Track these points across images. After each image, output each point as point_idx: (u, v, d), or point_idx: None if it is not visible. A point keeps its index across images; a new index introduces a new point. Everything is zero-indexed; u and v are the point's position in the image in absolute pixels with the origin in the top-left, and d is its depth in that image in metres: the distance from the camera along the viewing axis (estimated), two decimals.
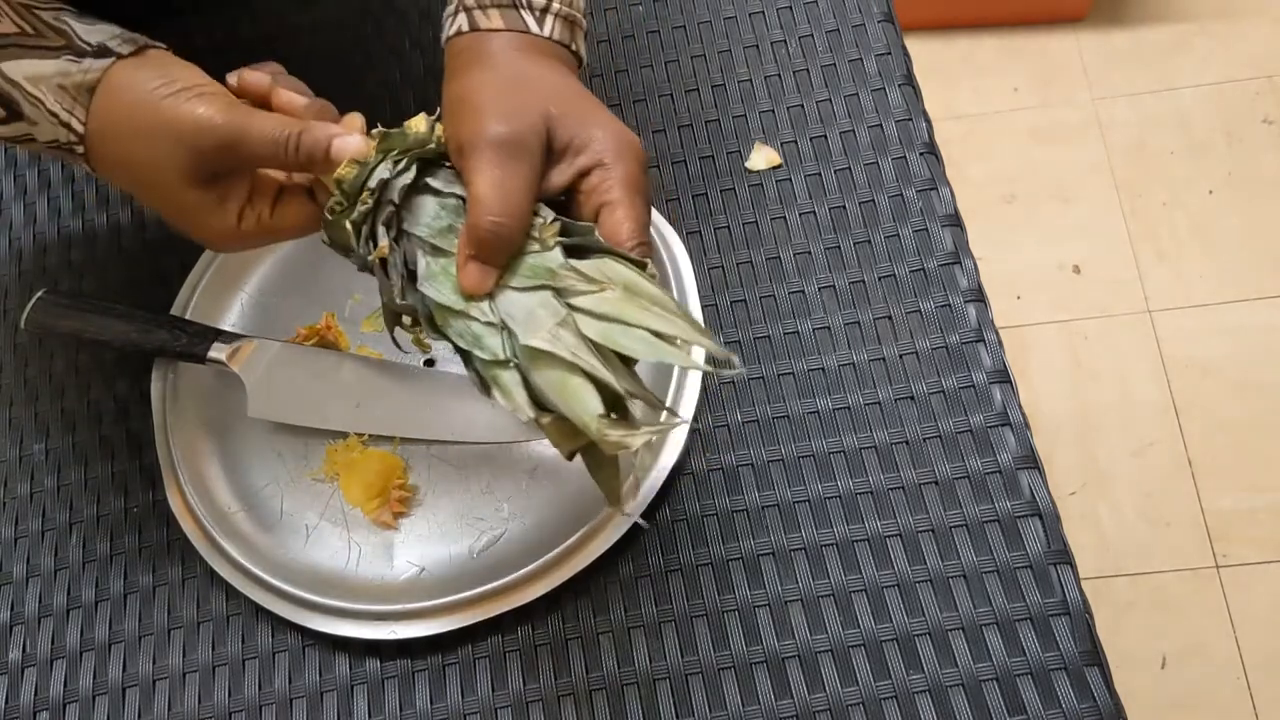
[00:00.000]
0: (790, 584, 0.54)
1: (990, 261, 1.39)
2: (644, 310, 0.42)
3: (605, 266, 0.44)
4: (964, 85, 1.56)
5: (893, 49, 0.66)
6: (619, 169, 0.45)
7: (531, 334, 0.43)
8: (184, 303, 0.63)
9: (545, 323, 0.43)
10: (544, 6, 0.48)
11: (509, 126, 0.44)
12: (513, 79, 0.46)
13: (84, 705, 0.56)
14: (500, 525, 0.57)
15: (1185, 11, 1.56)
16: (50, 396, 0.65)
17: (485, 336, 0.45)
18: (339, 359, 0.61)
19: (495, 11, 0.48)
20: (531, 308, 0.43)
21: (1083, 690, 0.50)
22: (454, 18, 0.49)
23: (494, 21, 0.48)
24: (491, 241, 0.43)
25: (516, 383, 0.44)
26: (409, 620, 0.54)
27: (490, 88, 0.46)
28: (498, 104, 0.45)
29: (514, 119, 0.44)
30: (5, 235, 0.70)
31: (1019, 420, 0.56)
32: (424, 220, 0.47)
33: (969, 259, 0.60)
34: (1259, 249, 1.40)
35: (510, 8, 0.48)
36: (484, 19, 0.48)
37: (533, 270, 0.44)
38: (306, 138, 0.46)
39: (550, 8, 0.49)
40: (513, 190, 0.44)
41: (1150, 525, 1.27)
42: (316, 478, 0.59)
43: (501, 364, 0.44)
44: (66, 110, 0.46)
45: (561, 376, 0.42)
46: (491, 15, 0.48)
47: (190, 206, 0.48)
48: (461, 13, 0.48)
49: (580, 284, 0.43)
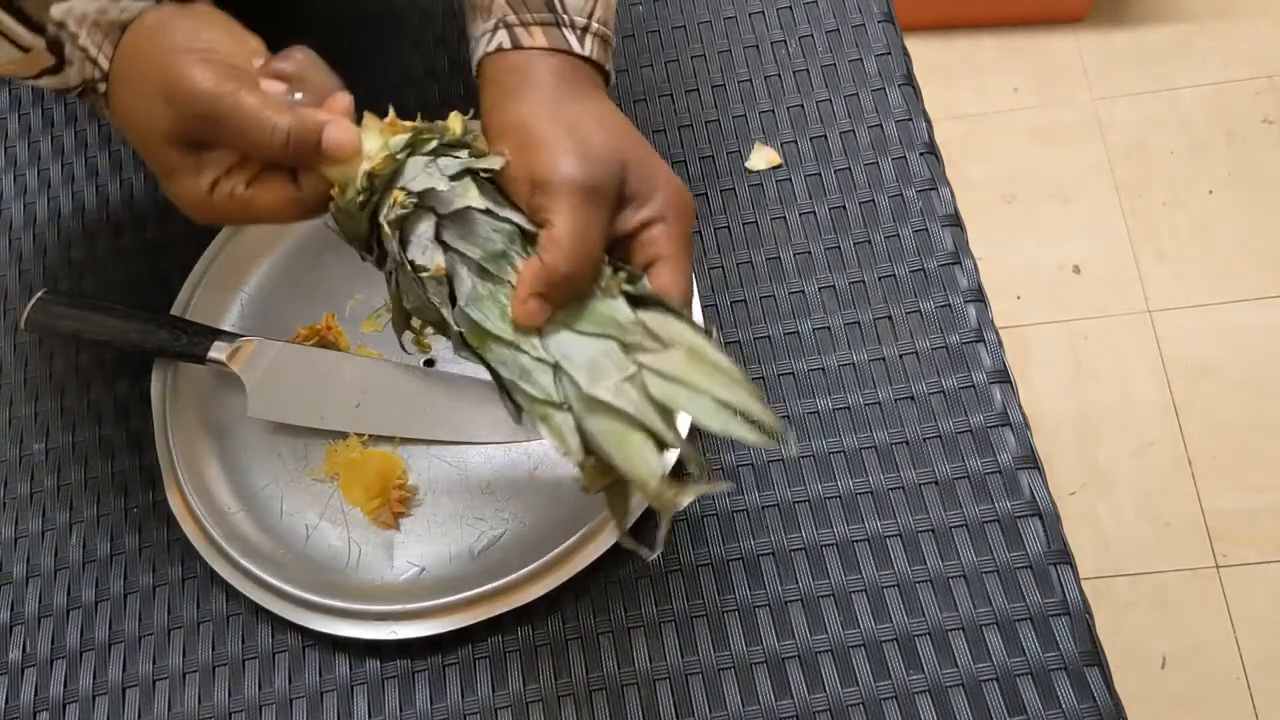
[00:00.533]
0: (790, 584, 0.54)
1: (990, 261, 1.39)
2: (708, 376, 0.42)
3: (669, 325, 0.44)
4: (964, 85, 1.56)
5: (893, 49, 0.66)
6: (678, 226, 0.45)
7: (596, 383, 0.42)
8: (184, 303, 0.63)
9: (611, 374, 0.42)
10: (584, 26, 0.48)
11: (593, 171, 0.43)
12: (582, 115, 0.45)
13: (84, 705, 0.56)
14: (500, 525, 0.57)
15: (1185, 11, 1.56)
16: (50, 396, 0.65)
17: (535, 372, 0.44)
18: (339, 359, 0.61)
19: (538, 29, 0.47)
20: (594, 356, 0.43)
21: (1083, 690, 0.50)
22: (491, 35, 0.47)
23: (537, 39, 0.47)
24: (565, 286, 0.43)
25: (570, 427, 0.43)
26: (409, 620, 0.54)
27: (561, 122, 0.44)
28: (575, 143, 0.44)
29: (597, 163, 0.43)
30: (5, 235, 0.70)
31: (1019, 420, 0.56)
32: (476, 240, 0.45)
33: (969, 259, 0.60)
34: (1259, 249, 1.40)
35: (553, 26, 0.47)
36: (527, 36, 0.47)
37: (599, 318, 0.44)
38: (293, 125, 0.44)
39: (590, 27, 0.48)
40: (592, 238, 0.43)
41: (1150, 525, 1.27)
42: (316, 478, 0.59)
43: (553, 404, 0.44)
44: (96, 46, 0.46)
45: (622, 431, 0.42)
46: (534, 33, 0.47)
47: (167, 165, 0.46)
48: (502, 29, 0.47)
49: (648, 340, 0.43)
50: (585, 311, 0.44)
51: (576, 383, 0.43)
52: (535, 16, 0.47)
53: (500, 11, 0.47)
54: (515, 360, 0.44)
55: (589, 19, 0.48)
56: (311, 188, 0.46)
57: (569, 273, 0.43)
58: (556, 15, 0.47)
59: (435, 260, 0.45)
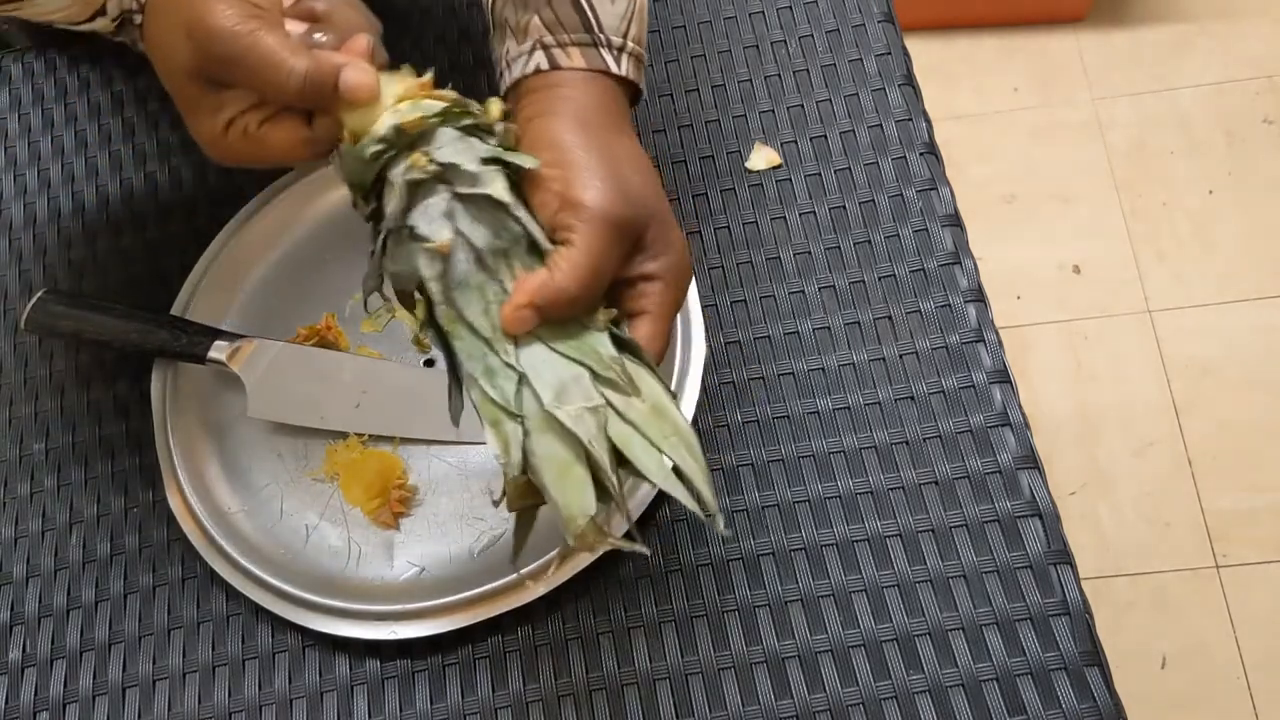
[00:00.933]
0: (790, 584, 0.54)
1: (990, 261, 1.39)
2: (665, 435, 0.42)
3: (641, 376, 0.44)
4: (964, 85, 1.56)
5: (893, 49, 0.66)
6: (673, 291, 0.46)
7: (559, 404, 0.42)
8: (184, 303, 0.63)
9: (575, 400, 0.42)
10: (621, 45, 0.48)
11: (625, 211, 0.44)
12: (622, 153, 0.46)
13: (84, 705, 0.56)
14: (500, 525, 0.57)
15: (1185, 11, 1.56)
16: (50, 396, 0.65)
17: (499, 376, 0.44)
18: (339, 359, 0.61)
19: (576, 50, 0.47)
20: (564, 378, 0.43)
21: (1083, 690, 0.50)
22: (529, 57, 0.48)
23: (575, 60, 0.47)
24: (565, 307, 0.43)
25: (517, 440, 0.43)
26: (409, 620, 0.54)
27: (604, 154, 0.45)
28: (616, 178, 0.44)
29: (630, 204, 0.44)
30: (5, 235, 0.70)
31: (1019, 420, 0.56)
32: (486, 230, 0.44)
33: (969, 259, 0.60)
34: (1259, 249, 1.40)
35: (591, 46, 0.47)
36: (565, 58, 0.47)
37: (581, 345, 0.43)
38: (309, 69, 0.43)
39: (626, 47, 0.48)
40: (605, 270, 0.43)
41: (1150, 525, 1.27)
42: (316, 478, 0.59)
43: (508, 413, 0.43)
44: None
45: (566, 459, 0.42)
46: (572, 54, 0.47)
47: (188, 100, 0.46)
48: (539, 51, 0.47)
49: (620, 381, 0.43)
50: (567, 334, 0.44)
51: (539, 398, 0.42)
52: (573, 37, 0.47)
53: (537, 33, 0.47)
54: (483, 357, 0.44)
55: (624, 38, 0.48)
56: (325, 129, 0.45)
57: (575, 296, 0.43)
58: (594, 36, 0.47)
59: (442, 235, 0.44)
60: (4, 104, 0.75)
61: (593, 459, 0.41)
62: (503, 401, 0.43)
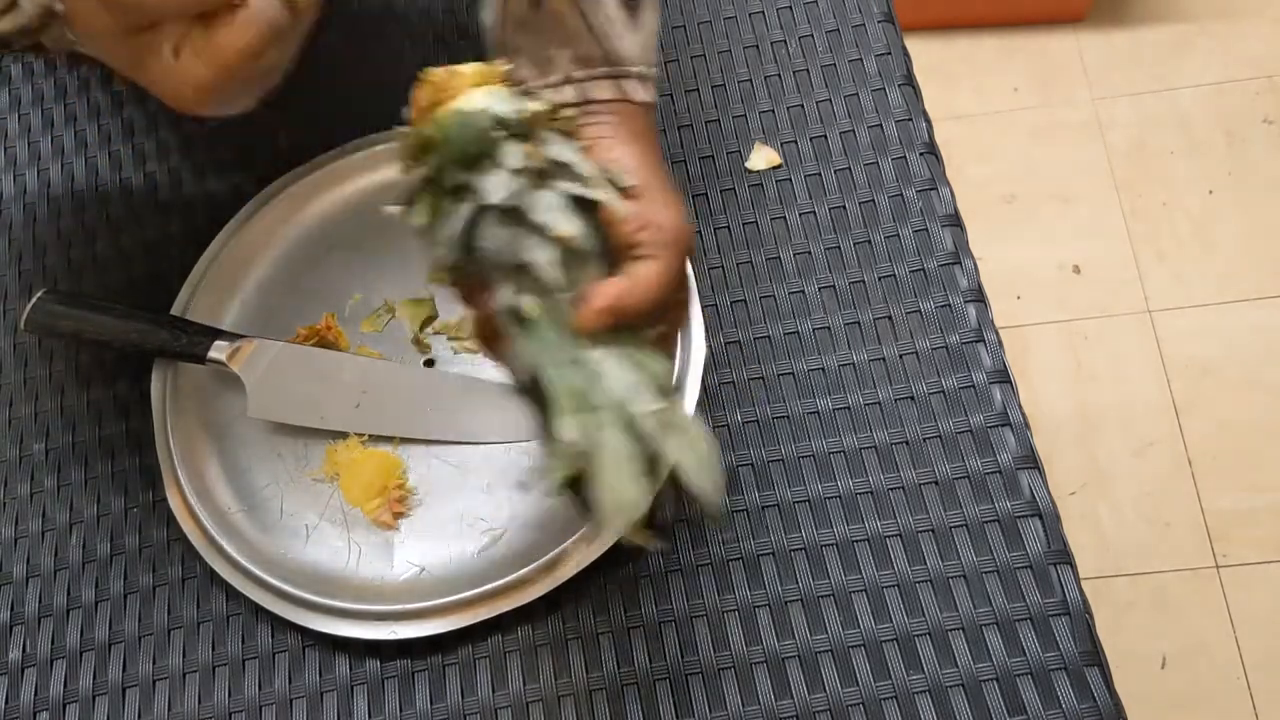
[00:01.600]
0: (790, 584, 0.54)
1: (990, 261, 1.39)
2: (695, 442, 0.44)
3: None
4: (964, 85, 1.56)
5: (893, 49, 0.66)
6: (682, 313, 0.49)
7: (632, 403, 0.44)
8: (184, 303, 0.63)
9: (645, 402, 0.44)
10: (642, 74, 0.50)
11: (691, 242, 0.47)
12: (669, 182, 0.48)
13: (84, 705, 0.56)
14: (500, 525, 0.57)
15: (1185, 11, 1.56)
16: (50, 396, 0.65)
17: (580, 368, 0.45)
18: (339, 359, 0.61)
19: (606, 84, 0.49)
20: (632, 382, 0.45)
21: (1083, 690, 0.50)
22: (557, 89, 0.49)
23: (605, 93, 0.49)
24: (634, 317, 0.45)
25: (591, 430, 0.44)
26: (409, 620, 0.54)
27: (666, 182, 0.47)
28: (680, 205, 0.47)
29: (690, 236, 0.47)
30: (5, 235, 0.70)
31: (1019, 420, 0.56)
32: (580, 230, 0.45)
33: (969, 259, 0.60)
34: (1259, 249, 1.40)
35: (617, 79, 0.49)
36: (595, 90, 0.49)
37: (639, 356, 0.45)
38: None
39: (646, 74, 0.50)
40: (673, 289, 0.46)
41: (1150, 525, 1.27)
42: (316, 478, 0.59)
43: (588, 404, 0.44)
44: None
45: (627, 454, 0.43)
46: (603, 86, 0.49)
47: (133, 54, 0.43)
48: (569, 85, 0.49)
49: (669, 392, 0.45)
50: (625, 342, 0.45)
51: (612, 396, 0.44)
52: (598, 71, 0.49)
53: (564, 69, 0.49)
54: (562, 349, 0.45)
55: (647, 66, 0.50)
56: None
57: (648, 309, 0.45)
58: (617, 69, 0.49)
59: (563, 226, 0.44)
60: (4, 104, 0.75)
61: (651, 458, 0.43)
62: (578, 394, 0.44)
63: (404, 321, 0.62)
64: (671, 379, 0.47)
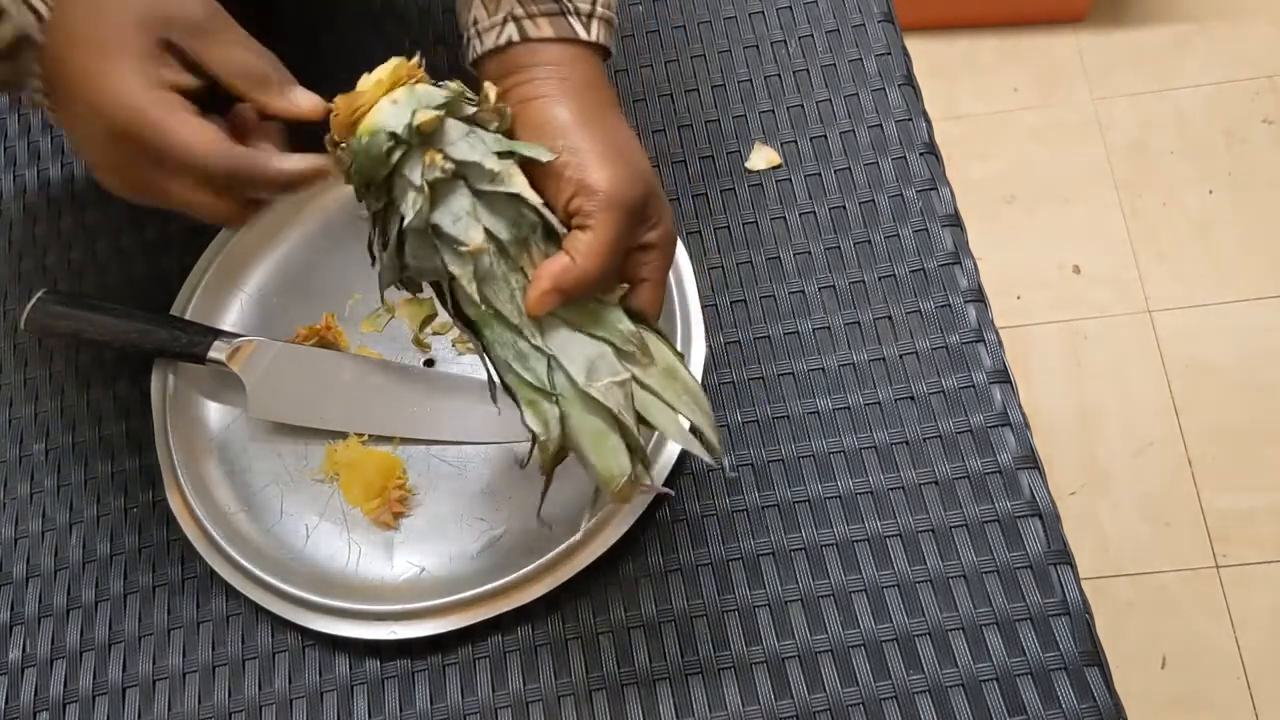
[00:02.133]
0: (790, 584, 0.54)
1: (990, 261, 1.39)
2: (678, 395, 0.46)
3: (652, 342, 0.47)
4: (964, 85, 1.56)
5: (893, 49, 0.66)
6: (666, 256, 0.48)
7: (590, 381, 0.45)
8: (184, 303, 0.63)
9: (604, 375, 0.45)
10: (589, 11, 0.48)
11: (635, 191, 0.45)
12: (619, 132, 0.47)
13: (84, 705, 0.56)
14: (500, 525, 0.57)
15: (1185, 11, 1.56)
16: (50, 397, 0.65)
17: (530, 359, 0.46)
18: (339, 359, 0.61)
19: (545, 20, 0.48)
20: (591, 356, 0.46)
21: (1083, 690, 0.50)
22: (500, 29, 0.48)
23: (544, 30, 0.47)
24: (586, 288, 0.45)
25: (555, 416, 0.46)
26: (409, 620, 0.54)
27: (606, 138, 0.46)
28: (624, 161, 0.45)
29: (637, 184, 0.45)
30: (5, 235, 0.70)
31: (1019, 420, 0.56)
32: (507, 223, 0.45)
33: (969, 259, 0.60)
34: (1259, 249, 1.40)
35: (559, 15, 0.48)
36: (534, 28, 0.47)
37: (604, 323, 0.46)
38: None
39: (595, 12, 0.49)
40: (621, 249, 0.45)
41: (1150, 525, 1.27)
42: (316, 478, 0.59)
43: (544, 393, 0.46)
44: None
45: (601, 429, 0.45)
46: (541, 24, 0.48)
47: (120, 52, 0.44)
48: (510, 23, 0.48)
49: (640, 353, 0.46)
50: (587, 314, 0.46)
51: (571, 377, 0.45)
52: (541, 8, 0.48)
53: (508, 6, 0.48)
54: (514, 344, 0.46)
55: (593, 4, 0.49)
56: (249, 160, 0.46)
57: (596, 278, 0.44)
58: (561, 4, 0.48)
59: (472, 236, 0.45)
60: (3, 104, 0.75)
61: (623, 425, 0.45)
62: (537, 382, 0.46)
63: (404, 321, 0.62)
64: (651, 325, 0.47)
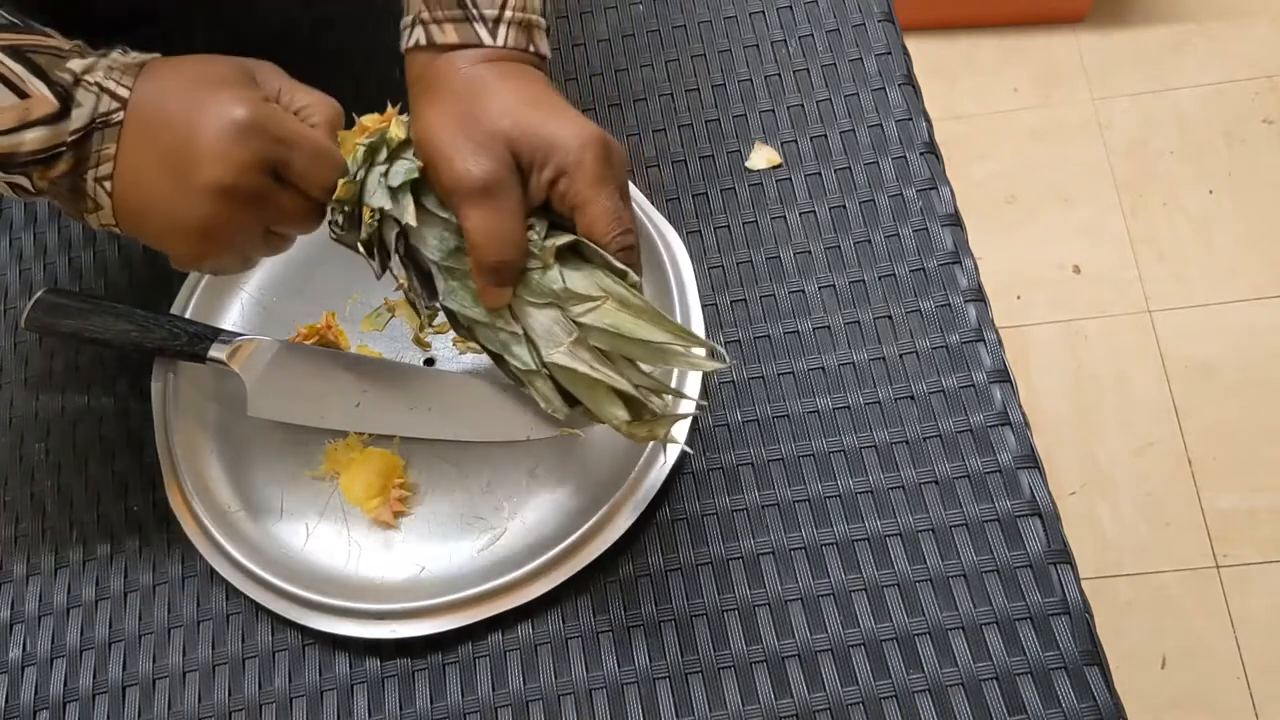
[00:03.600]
0: (790, 583, 0.54)
1: (990, 261, 1.39)
2: (636, 321, 0.46)
3: (598, 279, 0.47)
4: (964, 85, 1.56)
5: (893, 49, 0.66)
6: (581, 171, 0.46)
7: (552, 350, 0.48)
8: (184, 302, 0.63)
9: (562, 339, 0.47)
10: (496, 16, 0.48)
11: (482, 168, 0.45)
12: (470, 106, 0.46)
13: (84, 704, 0.56)
14: (500, 524, 0.57)
15: (1185, 11, 1.56)
16: (50, 395, 0.65)
17: (512, 344, 0.49)
18: (339, 358, 0.61)
19: (450, 26, 0.48)
20: (548, 325, 0.48)
21: (1083, 690, 0.50)
22: (411, 30, 0.49)
23: (449, 36, 0.48)
24: (499, 274, 0.47)
25: (552, 389, 0.50)
26: (409, 619, 0.54)
27: (450, 124, 0.46)
28: (464, 143, 0.45)
29: (484, 157, 0.45)
30: (6, 234, 0.70)
31: (1019, 420, 0.56)
32: (430, 244, 0.49)
33: (969, 258, 0.60)
34: (1259, 249, 1.40)
35: (464, 21, 0.48)
36: (439, 33, 0.48)
37: (540, 289, 0.48)
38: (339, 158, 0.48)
39: (503, 16, 0.48)
40: (504, 227, 0.46)
41: (1150, 525, 1.27)
42: (316, 476, 0.59)
43: (535, 372, 0.49)
44: (115, 80, 0.45)
45: (587, 382, 0.48)
46: (446, 30, 0.48)
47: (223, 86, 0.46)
48: (419, 26, 0.48)
49: (580, 304, 0.47)
50: (531, 284, 0.48)
51: (538, 350, 0.48)
52: (446, 14, 0.48)
53: (417, 8, 0.48)
54: (496, 337, 0.50)
55: (500, 9, 0.48)
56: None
57: (496, 262, 0.46)
58: (466, 10, 0.48)
59: (402, 275, 0.50)
60: None
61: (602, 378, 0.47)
62: (525, 365, 0.49)
63: (404, 320, 0.62)
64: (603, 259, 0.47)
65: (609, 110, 0.67)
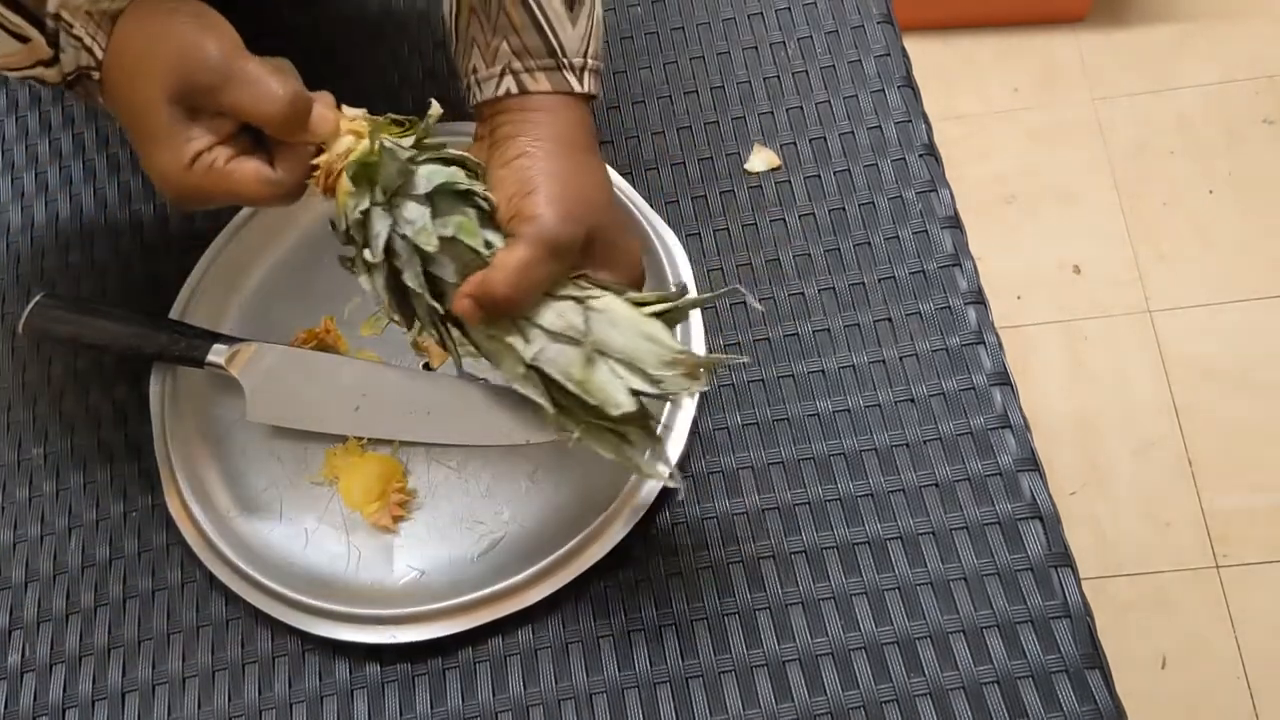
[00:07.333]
0: (790, 587, 0.54)
1: (990, 262, 1.39)
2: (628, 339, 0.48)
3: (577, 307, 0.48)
4: (964, 85, 1.55)
5: (892, 50, 0.66)
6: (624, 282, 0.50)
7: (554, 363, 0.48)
8: (182, 306, 0.63)
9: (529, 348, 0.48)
10: (582, 65, 0.51)
11: (569, 233, 0.47)
12: (575, 177, 0.49)
13: (83, 710, 0.56)
14: (500, 529, 0.57)
15: (1185, 11, 1.56)
16: (49, 401, 0.65)
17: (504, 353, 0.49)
18: (338, 362, 0.61)
19: (543, 74, 0.50)
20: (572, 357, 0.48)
21: (1083, 693, 0.50)
22: (499, 80, 0.50)
23: (541, 84, 0.50)
24: (495, 307, 0.48)
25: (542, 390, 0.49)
26: (409, 624, 0.54)
27: (558, 177, 0.48)
28: (568, 200, 0.48)
29: (573, 224, 0.48)
30: (3, 239, 0.70)
31: (1019, 422, 0.56)
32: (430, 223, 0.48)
33: (969, 261, 0.60)
34: (1259, 249, 1.40)
35: (555, 70, 0.50)
36: (532, 82, 0.50)
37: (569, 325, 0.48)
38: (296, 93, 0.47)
39: (588, 65, 0.51)
40: (537, 279, 0.47)
41: (1150, 525, 1.27)
42: (316, 481, 0.59)
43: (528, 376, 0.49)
44: (90, 35, 0.47)
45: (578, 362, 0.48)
46: (539, 78, 0.50)
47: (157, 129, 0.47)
48: (508, 76, 0.50)
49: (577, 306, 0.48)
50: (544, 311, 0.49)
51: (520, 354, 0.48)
52: (539, 63, 0.50)
53: (505, 59, 0.50)
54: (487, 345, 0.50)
55: (585, 57, 0.51)
56: (290, 174, 0.49)
57: (503, 296, 0.47)
58: (558, 60, 0.50)
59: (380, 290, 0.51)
60: (1, 107, 0.75)
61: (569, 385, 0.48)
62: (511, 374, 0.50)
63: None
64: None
65: (607, 113, 0.67)
